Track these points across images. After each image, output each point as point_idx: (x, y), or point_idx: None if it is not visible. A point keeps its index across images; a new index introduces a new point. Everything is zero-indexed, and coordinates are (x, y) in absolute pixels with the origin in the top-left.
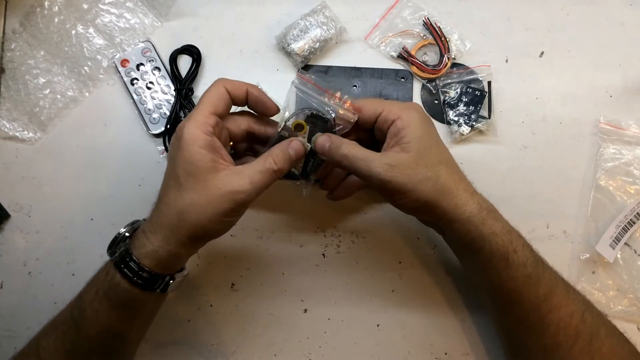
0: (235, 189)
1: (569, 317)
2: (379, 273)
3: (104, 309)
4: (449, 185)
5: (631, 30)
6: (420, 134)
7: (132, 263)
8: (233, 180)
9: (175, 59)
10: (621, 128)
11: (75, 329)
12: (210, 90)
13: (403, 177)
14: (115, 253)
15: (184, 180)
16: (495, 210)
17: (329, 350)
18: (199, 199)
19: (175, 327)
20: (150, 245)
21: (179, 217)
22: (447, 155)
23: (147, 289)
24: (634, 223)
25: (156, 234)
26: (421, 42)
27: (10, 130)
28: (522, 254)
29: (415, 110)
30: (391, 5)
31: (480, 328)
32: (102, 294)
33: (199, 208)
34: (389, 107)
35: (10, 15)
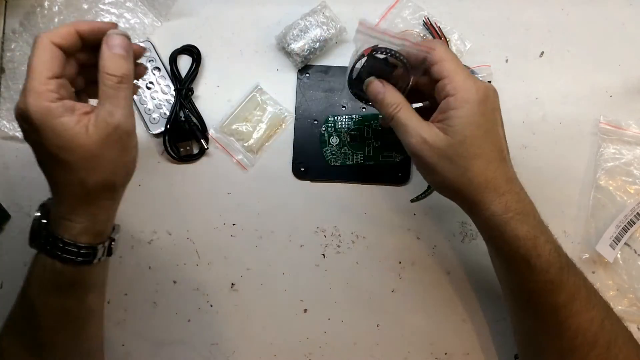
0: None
1: (588, 323)
2: (379, 273)
3: (56, 298)
4: (477, 181)
5: (631, 30)
6: (468, 121)
7: (69, 247)
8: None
9: (175, 59)
10: (621, 128)
11: (31, 326)
12: (36, 51)
13: (432, 157)
14: (44, 245)
15: (61, 156)
16: (527, 212)
17: (329, 350)
18: (89, 161)
19: (175, 327)
20: (78, 225)
21: (82, 189)
22: (490, 150)
23: (92, 261)
24: (634, 223)
25: (76, 213)
26: None
27: (10, 130)
28: (545, 260)
29: (477, 93)
30: (391, 5)
31: (480, 328)
32: (49, 286)
33: (96, 169)
34: (454, 77)
35: (10, 15)
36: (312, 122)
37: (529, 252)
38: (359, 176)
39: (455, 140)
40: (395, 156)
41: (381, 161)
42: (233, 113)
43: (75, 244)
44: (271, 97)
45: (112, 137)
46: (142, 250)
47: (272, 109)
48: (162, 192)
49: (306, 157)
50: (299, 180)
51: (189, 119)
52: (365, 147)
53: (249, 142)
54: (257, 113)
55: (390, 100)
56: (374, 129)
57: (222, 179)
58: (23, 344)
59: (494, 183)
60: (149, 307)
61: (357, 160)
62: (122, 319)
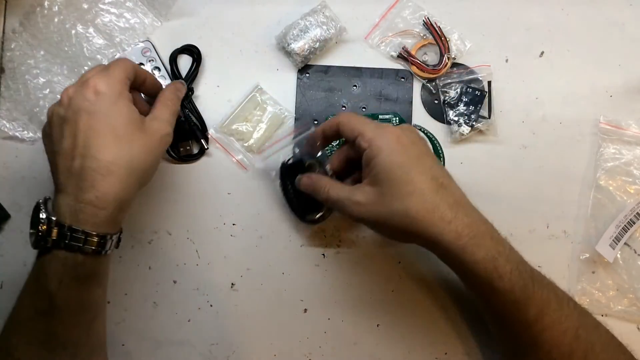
0: (163, 132)
1: (562, 336)
2: (379, 273)
3: (75, 291)
4: (421, 216)
5: (631, 30)
6: (388, 164)
7: (92, 237)
8: (158, 127)
9: (176, 58)
10: (621, 128)
11: (45, 321)
12: (122, 60)
13: (371, 213)
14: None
15: (122, 131)
16: (481, 233)
17: (329, 350)
18: (141, 148)
19: (175, 327)
20: (103, 212)
21: (127, 170)
22: (421, 182)
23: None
24: (634, 223)
25: (107, 196)
26: (421, 42)
27: (10, 130)
28: (508, 280)
29: (391, 134)
30: (391, 5)
31: (480, 328)
32: (68, 280)
33: (144, 155)
34: (363, 131)
35: (10, 14)
36: (312, 122)
37: (490, 274)
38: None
39: (385, 187)
40: None
41: None
42: (233, 113)
43: (98, 234)
44: (271, 97)
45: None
46: (142, 250)
47: (272, 108)
48: (162, 192)
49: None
50: None
51: (189, 118)
52: None
53: (249, 142)
54: (257, 113)
55: (317, 186)
56: None
57: (222, 179)
58: (37, 340)
59: (437, 214)
60: (149, 307)
61: None
62: (122, 319)
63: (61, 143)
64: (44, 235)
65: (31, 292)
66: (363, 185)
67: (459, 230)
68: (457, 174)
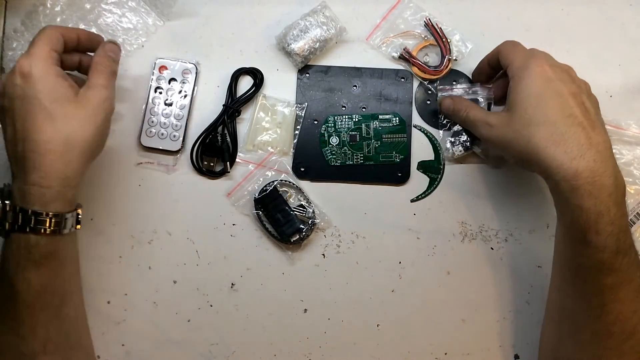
0: (100, 99)
1: (631, 313)
2: (379, 273)
3: (34, 273)
4: (544, 145)
5: (631, 30)
6: (526, 93)
7: (40, 216)
8: (94, 94)
9: (237, 77)
10: (621, 128)
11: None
12: (44, 31)
13: (499, 135)
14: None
15: (53, 109)
16: (601, 185)
17: (329, 350)
18: (80, 119)
19: (175, 327)
20: (49, 191)
21: (66, 146)
22: (555, 115)
23: (63, 231)
24: (633, 223)
25: (50, 175)
26: (422, 43)
27: None
28: (603, 239)
29: (538, 66)
30: (392, 6)
31: (480, 328)
32: (25, 262)
33: (80, 129)
34: (513, 60)
35: (11, 14)
36: (312, 122)
37: (589, 226)
38: (359, 176)
39: (517, 113)
40: (395, 156)
41: (381, 161)
42: (250, 128)
43: (46, 212)
44: (276, 98)
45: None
46: (142, 250)
47: (282, 107)
48: (163, 192)
49: (306, 157)
50: (299, 180)
51: (225, 138)
52: (365, 147)
53: (279, 147)
54: (271, 118)
55: (458, 107)
56: (374, 129)
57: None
58: (7, 327)
59: (562, 147)
60: (149, 307)
61: (357, 160)
62: (122, 319)
63: (6, 132)
64: (1, 220)
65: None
66: (500, 112)
67: (579, 170)
68: (456, 172)
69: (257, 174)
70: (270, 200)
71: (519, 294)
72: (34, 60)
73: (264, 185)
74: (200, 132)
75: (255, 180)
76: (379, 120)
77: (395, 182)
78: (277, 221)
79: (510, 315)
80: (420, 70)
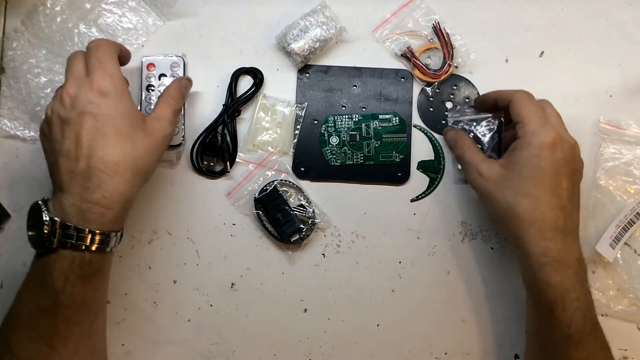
0: (165, 133)
1: None
2: (379, 273)
3: (80, 289)
4: (523, 218)
5: (631, 30)
6: (527, 161)
7: (100, 236)
8: (159, 126)
9: (237, 77)
10: (621, 128)
11: (48, 318)
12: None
13: (486, 189)
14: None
15: (126, 132)
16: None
17: (329, 350)
18: (146, 146)
19: (175, 327)
20: (110, 211)
21: (132, 170)
22: (544, 193)
23: (112, 249)
24: (634, 223)
25: (113, 196)
26: (427, 45)
27: (12, 129)
28: (569, 314)
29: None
30: (404, 3)
31: (480, 328)
32: (74, 278)
33: (147, 155)
34: (528, 122)
35: (12, 14)
36: (312, 122)
37: (556, 301)
38: (359, 176)
39: (511, 175)
40: (395, 156)
41: (381, 161)
42: (250, 128)
43: (105, 232)
44: (276, 98)
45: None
46: (142, 250)
47: (282, 107)
48: (163, 192)
49: (306, 157)
50: (299, 179)
51: (225, 137)
52: (365, 147)
53: (279, 147)
54: (271, 118)
55: (459, 143)
56: (374, 128)
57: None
58: (39, 337)
59: (539, 225)
60: (149, 307)
61: (357, 160)
62: (122, 319)
63: (63, 144)
64: (48, 237)
65: (33, 289)
66: (495, 162)
67: (548, 250)
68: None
69: (257, 173)
70: (270, 200)
71: (519, 294)
72: (114, 79)
73: (264, 185)
74: (200, 132)
75: (255, 180)
76: (379, 120)
77: (395, 182)
78: (277, 221)
79: (510, 315)
80: (420, 71)
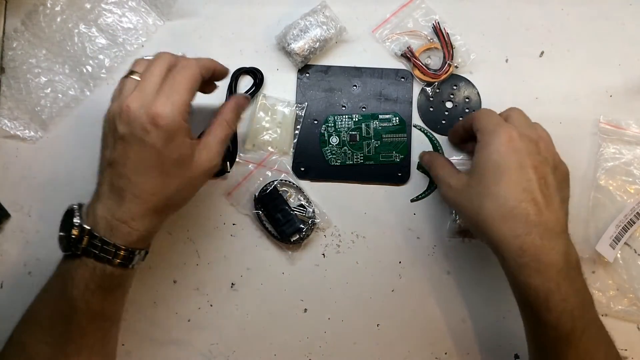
0: (210, 165)
1: None
2: (379, 273)
3: (98, 299)
4: (491, 219)
5: (631, 30)
6: (487, 160)
7: (124, 252)
8: (207, 157)
9: (238, 77)
10: (621, 128)
11: (64, 324)
12: (192, 75)
13: (454, 199)
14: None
15: (169, 168)
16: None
17: (329, 350)
18: (184, 183)
19: (175, 327)
20: (136, 232)
21: (165, 202)
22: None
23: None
24: (634, 223)
25: (142, 220)
26: (427, 45)
27: (12, 129)
28: (555, 317)
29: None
30: (404, 3)
31: (480, 328)
32: (94, 287)
33: (184, 191)
34: (484, 126)
35: (12, 14)
36: (312, 122)
37: (539, 304)
38: (359, 176)
39: (474, 180)
40: (395, 156)
41: (381, 161)
42: (250, 128)
43: (129, 249)
44: (276, 97)
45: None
46: None
47: (282, 107)
48: None
49: (306, 157)
50: (299, 179)
51: None
52: (365, 146)
53: (278, 147)
54: (271, 118)
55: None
56: (374, 128)
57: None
58: (54, 341)
59: (509, 223)
60: (149, 307)
61: (357, 160)
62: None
63: (112, 153)
64: (75, 242)
65: (54, 293)
66: (462, 173)
67: (524, 247)
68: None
69: (257, 173)
70: (270, 200)
71: None
72: (175, 114)
73: (264, 185)
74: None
75: (255, 180)
76: (379, 120)
77: (395, 182)
78: (277, 221)
79: (510, 315)
80: (420, 71)
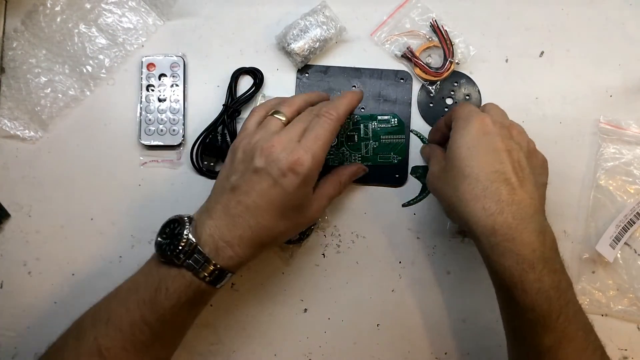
0: (316, 217)
1: None
2: (379, 273)
3: (184, 312)
4: (465, 200)
5: (631, 30)
6: (459, 143)
7: (219, 272)
8: (316, 209)
9: (237, 77)
10: (621, 128)
11: (148, 332)
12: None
13: (434, 184)
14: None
15: (286, 212)
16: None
17: (329, 350)
18: (293, 226)
19: None
20: (237, 258)
21: (272, 240)
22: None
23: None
24: (634, 223)
25: (246, 249)
26: (426, 44)
27: (12, 129)
28: (530, 298)
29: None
30: (400, 4)
31: (480, 328)
32: (185, 300)
33: (288, 233)
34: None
35: (12, 14)
36: None
37: (514, 284)
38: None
39: (449, 164)
40: (393, 157)
41: (379, 162)
42: None
43: (224, 270)
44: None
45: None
46: (142, 250)
47: None
48: (163, 191)
49: None
50: None
51: (225, 137)
52: (363, 147)
53: None
54: None
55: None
56: (373, 129)
57: None
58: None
59: (482, 203)
60: None
61: (355, 160)
62: None
63: (239, 180)
64: (179, 253)
65: (144, 299)
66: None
67: (496, 227)
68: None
69: None
70: None
71: None
72: (312, 166)
73: None
74: (200, 132)
75: None
76: (377, 121)
77: (393, 183)
78: None
79: None
80: (421, 70)
